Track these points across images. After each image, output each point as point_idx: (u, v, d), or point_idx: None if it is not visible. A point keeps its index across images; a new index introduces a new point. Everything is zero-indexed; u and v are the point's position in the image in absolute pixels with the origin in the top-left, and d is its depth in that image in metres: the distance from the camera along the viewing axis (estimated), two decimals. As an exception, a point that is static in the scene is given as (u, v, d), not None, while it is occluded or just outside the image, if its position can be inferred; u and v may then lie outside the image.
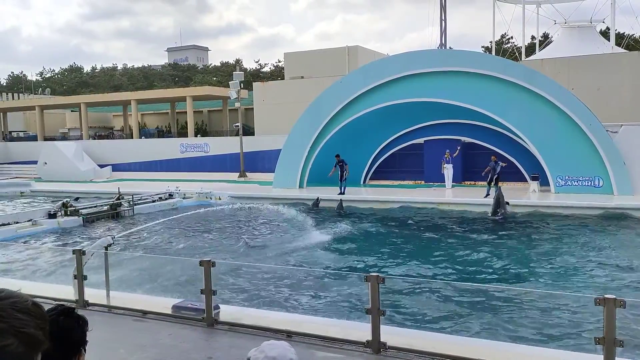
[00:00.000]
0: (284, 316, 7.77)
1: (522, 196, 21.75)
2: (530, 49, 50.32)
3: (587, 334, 7.55)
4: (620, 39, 45.55)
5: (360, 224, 18.37)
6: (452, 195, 22.86)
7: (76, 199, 23.92)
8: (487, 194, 21.23)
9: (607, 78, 29.08)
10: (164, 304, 7.38)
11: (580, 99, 22.11)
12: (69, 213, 19.30)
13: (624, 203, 19.15)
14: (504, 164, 21.98)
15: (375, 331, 5.69)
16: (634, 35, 50.32)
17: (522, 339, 7.80)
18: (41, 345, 1.44)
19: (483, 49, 65.74)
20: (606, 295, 4.87)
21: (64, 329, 1.92)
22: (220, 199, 24.14)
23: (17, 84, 77.83)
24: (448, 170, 24.53)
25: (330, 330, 6.30)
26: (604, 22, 44.27)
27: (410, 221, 18.84)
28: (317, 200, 21.80)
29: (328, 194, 23.52)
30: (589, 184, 21.59)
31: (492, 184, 21.44)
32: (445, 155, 24.47)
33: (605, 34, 46.45)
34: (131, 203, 21.51)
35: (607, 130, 21.43)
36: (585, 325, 8.16)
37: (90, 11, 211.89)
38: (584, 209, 19.09)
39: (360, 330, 5.98)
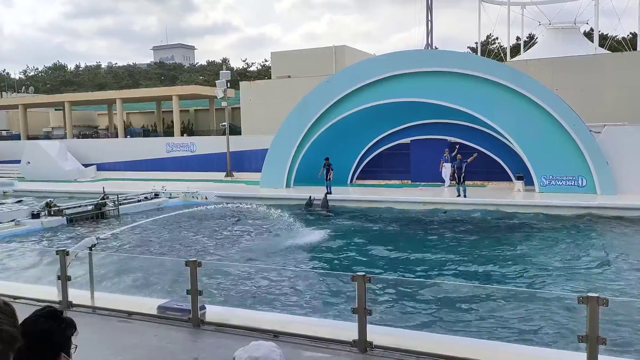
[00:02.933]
0: (271, 316, 7.76)
1: (507, 196, 21.99)
2: (515, 50, 50.77)
3: (569, 332, 7.63)
4: (603, 40, 46.16)
5: (347, 224, 18.40)
6: (447, 195, 22.94)
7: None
8: (459, 194, 21.33)
9: (591, 79, 29.46)
10: (150, 304, 7.33)
11: (564, 100, 22.37)
12: (52, 213, 19.06)
13: (607, 202, 19.42)
14: (472, 157, 22.48)
15: (362, 330, 5.71)
16: (617, 37, 51.00)
17: (508, 337, 7.88)
18: (16, 343, 1.47)
19: (469, 49, 66.19)
20: (589, 294, 4.93)
21: (43, 331, 1.87)
22: (206, 198, 24.02)
23: (0, 82, 76.74)
24: (446, 170, 24.61)
25: (317, 330, 6.30)
26: (587, 23, 44.89)
27: (396, 220, 18.90)
28: (310, 200, 21.68)
29: (315, 193, 23.51)
30: (572, 184, 21.85)
31: (460, 182, 21.57)
32: (445, 154, 24.54)
33: (589, 35, 47.05)
34: (116, 203, 21.31)
35: (590, 131, 21.71)
36: (569, 324, 8.25)
37: (73, 9, 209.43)
38: (565, 208, 19.34)
39: (347, 330, 5.99)
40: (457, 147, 24.98)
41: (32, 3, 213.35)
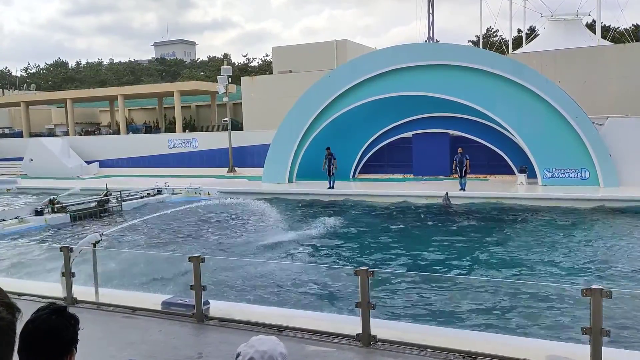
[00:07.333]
0: (275, 311, 7.77)
1: (510, 189, 21.97)
2: (517, 43, 50.56)
3: (573, 324, 7.63)
4: (605, 32, 45.88)
5: (349, 218, 18.40)
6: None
7: None
8: (462, 188, 21.26)
9: (593, 71, 29.33)
10: (154, 300, 7.35)
11: (566, 92, 22.29)
12: (56, 210, 19.11)
13: (610, 194, 19.37)
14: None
15: (365, 324, 5.72)
16: (620, 28, 50.73)
17: (511, 330, 7.88)
18: (18, 313, 1.71)
19: (470, 42, 65.96)
20: (593, 286, 4.92)
21: (56, 328, 1.90)
22: (209, 194, 24.02)
23: (2, 80, 76.81)
24: None
25: (321, 324, 6.32)
26: (589, 15, 44.58)
27: (398, 214, 18.90)
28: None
29: (317, 188, 23.53)
30: (575, 177, 21.80)
31: (462, 175, 21.48)
32: None
33: (591, 27, 46.75)
34: (119, 199, 21.36)
35: (593, 123, 21.64)
36: (573, 316, 8.25)
37: (71, 7, 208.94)
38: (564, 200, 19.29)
39: (351, 324, 6.00)
40: None
41: (30, 0, 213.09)
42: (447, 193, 19.71)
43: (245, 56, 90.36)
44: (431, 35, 45.00)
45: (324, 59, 36.42)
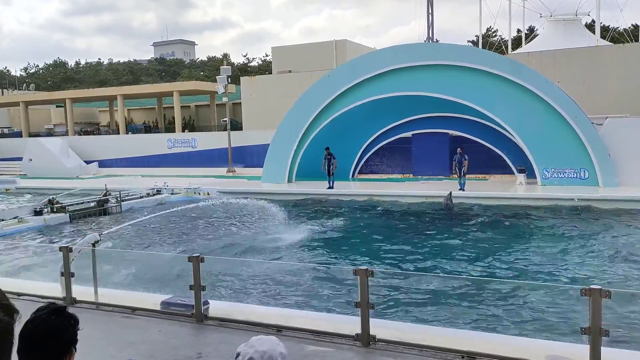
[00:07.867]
0: (274, 311, 7.77)
1: (510, 189, 21.97)
2: (516, 43, 50.56)
3: (573, 324, 7.64)
4: (605, 32, 45.91)
5: (348, 218, 18.40)
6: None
7: None
8: (461, 188, 21.25)
9: (593, 71, 29.36)
10: (153, 300, 7.35)
11: (566, 92, 22.30)
12: (55, 210, 19.10)
13: (609, 194, 19.38)
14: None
15: (365, 324, 5.72)
16: (619, 28, 50.77)
17: (510, 329, 7.89)
18: (17, 314, 1.70)
19: (469, 42, 65.99)
20: (592, 286, 4.93)
21: (56, 328, 1.89)
22: (208, 194, 24.02)
23: (1, 80, 76.75)
24: None
25: (320, 324, 6.32)
26: (589, 15, 44.60)
27: (399, 214, 18.90)
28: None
29: (317, 188, 23.53)
30: (574, 176, 21.82)
31: (461, 175, 21.47)
32: None
33: (590, 27, 46.78)
34: (118, 199, 21.35)
35: (592, 123, 21.65)
36: (572, 316, 8.25)
37: (70, 7, 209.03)
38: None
39: (350, 324, 6.00)
40: None
41: (29, 1, 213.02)
42: (450, 193, 19.59)
43: (244, 56, 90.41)
44: (431, 35, 45.04)
45: (324, 59, 36.43)
